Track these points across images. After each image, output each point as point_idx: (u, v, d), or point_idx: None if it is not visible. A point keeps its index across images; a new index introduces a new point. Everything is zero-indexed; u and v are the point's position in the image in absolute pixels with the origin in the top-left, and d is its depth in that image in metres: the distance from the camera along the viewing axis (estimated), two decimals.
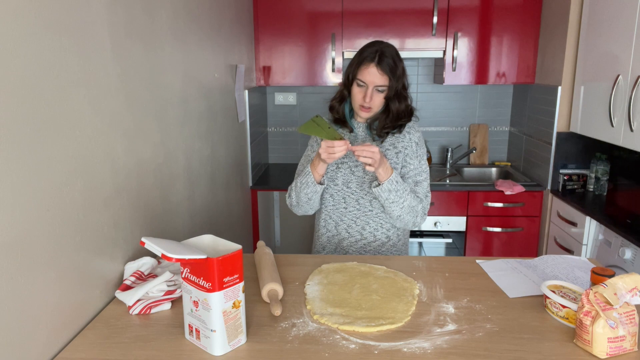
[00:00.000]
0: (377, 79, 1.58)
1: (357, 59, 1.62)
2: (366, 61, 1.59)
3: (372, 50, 1.60)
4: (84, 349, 1.05)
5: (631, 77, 2.19)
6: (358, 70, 1.60)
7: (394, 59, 1.60)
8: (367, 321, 1.13)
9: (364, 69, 1.59)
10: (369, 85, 1.59)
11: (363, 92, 1.61)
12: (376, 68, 1.58)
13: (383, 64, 1.58)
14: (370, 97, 1.60)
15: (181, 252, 0.97)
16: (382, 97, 1.62)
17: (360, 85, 1.61)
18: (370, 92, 1.60)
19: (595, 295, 1.01)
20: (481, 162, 3.57)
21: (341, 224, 1.73)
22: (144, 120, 1.48)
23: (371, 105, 1.62)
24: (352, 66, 1.63)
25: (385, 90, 1.61)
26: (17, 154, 0.93)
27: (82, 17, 1.14)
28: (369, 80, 1.59)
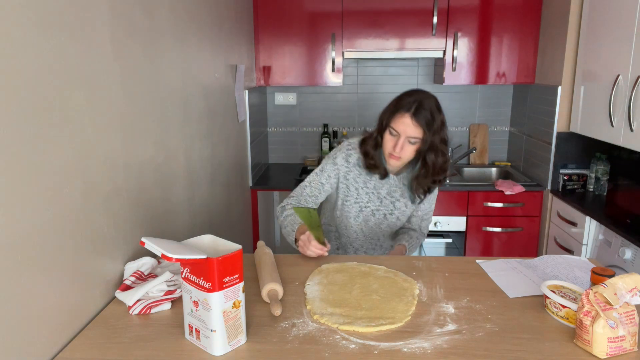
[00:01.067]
0: (411, 130, 1.54)
1: (394, 106, 1.58)
2: (402, 110, 1.54)
3: (410, 100, 1.55)
4: (84, 349, 1.05)
5: (631, 77, 2.19)
6: (392, 118, 1.56)
7: (432, 112, 1.55)
8: (367, 321, 1.13)
9: (398, 118, 1.55)
10: (401, 135, 1.55)
11: (394, 141, 1.57)
12: (411, 119, 1.53)
13: (419, 115, 1.53)
14: (400, 147, 1.56)
15: (181, 252, 0.97)
16: (413, 148, 1.58)
17: (392, 133, 1.57)
18: (401, 142, 1.55)
19: (595, 295, 1.01)
20: (481, 162, 3.57)
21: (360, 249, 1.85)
22: (144, 120, 1.48)
23: (401, 155, 1.58)
24: (387, 112, 1.59)
25: (417, 143, 1.57)
26: (17, 154, 0.93)
27: (82, 17, 1.14)
28: (402, 130, 1.54)
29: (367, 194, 1.74)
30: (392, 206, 1.76)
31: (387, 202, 1.75)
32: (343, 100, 3.60)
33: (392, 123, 1.56)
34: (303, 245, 1.50)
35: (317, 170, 1.75)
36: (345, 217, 1.78)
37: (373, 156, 1.65)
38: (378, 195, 1.74)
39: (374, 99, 3.59)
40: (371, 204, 1.75)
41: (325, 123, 3.61)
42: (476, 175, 3.49)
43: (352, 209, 1.75)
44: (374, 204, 1.75)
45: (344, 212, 1.77)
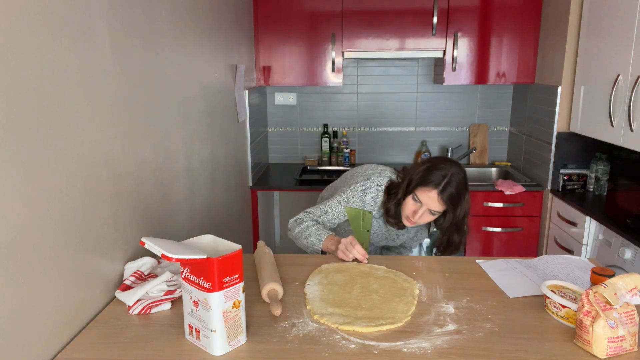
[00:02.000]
0: (434, 205, 1.55)
1: (423, 174, 1.56)
2: (430, 185, 1.53)
3: (439, 175, 1.54)
4: (84, 349, 1.05)
5: (631, 77, 2.19)
6: (418, 188, 1.55)
7: (459, 190, 1.56)
8: (367, 321, 1.13)
9: (424, 191, 1.54)
10: (424, 206, 1.56)
11: (415, 208, 1.58)
12: (438, 195, 1.53)
13: (445, 194, 1.53)
14: (420, 216, 1.58)
15: (181, 252, 0.97)
16: (432, 218, 1.60)
17: (415, 200, 1.57)
18: (421, 212, 1.57)
19: (595, 295, 1.01)
20: (481, 162, 3.57)
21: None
22: (144, 120, 1.48)
23: (417, 222, 1.61)
24: (416, 179, 1.57)
25: (437, 214, 1.60)
26: (17, 154, 0.93)
27: (82, 17, 1.14)
28: (426, 202, 1.55)
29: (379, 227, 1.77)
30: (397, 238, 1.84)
31: (393, 234, 1.81)
32: (343, 100, 3.60)
33: (417, 192, 1.56)
34: (345, 248, 1.48)
35: (342, 200, 1.71)
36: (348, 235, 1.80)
37: (394, 216, 1.66)
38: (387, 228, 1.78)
39: (374, 99, 3.59)
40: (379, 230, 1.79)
41: (325, 123, 3.61)
42: (476, 175, 3.49)
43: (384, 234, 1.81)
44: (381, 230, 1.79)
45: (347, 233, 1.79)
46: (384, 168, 1.77)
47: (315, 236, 1.62)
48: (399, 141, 3.64)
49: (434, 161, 1.61)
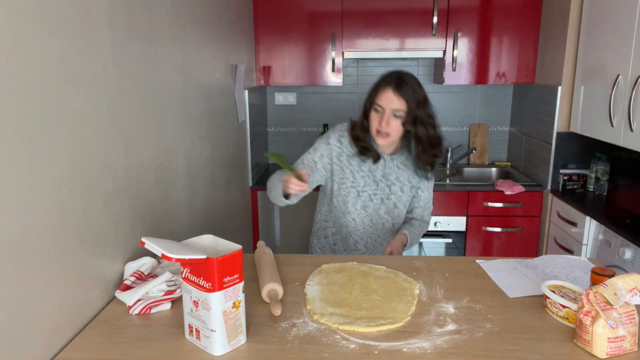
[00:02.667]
0: (394, 103, 1.58)
1: (375, 85, 1.64)
2: (384, 85, 1.60)
3: (390, 76, 1.62)
4: (84, 349, 1.05)
5: (631, 77, 2.19)
6: (376, 95, 1.61)
7: (414, 86, 1.60)
8: (367, 321, 1.13)
9: (381, 94, 1.60)
10: (386, 109, 1.59)
11: (380, 117, 1.61)
12: (393, 92, 1.58)
13: (401, 88, 1.58)
14: (386, 122, 1.60)
15: (181, 252, 0.97)
16: (398, 123, 1.61)
17: (377, 110, 1.62)
18: (386, 117, 1.59)
19: (595, 295, 1.01)
20: (481, 162, 3.57)
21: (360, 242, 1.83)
22: (144, 120, 1.48)
23: (388, 131, 1.61)
24: (371, 92, 1.65)
25: (402, 116, 1.60)
26: (17, 154, 0.93)
27: (82, 17, 1.14)
28: (386, 104, 1.59)
29: (362, 178, 1.75)
30: (388, 190, 1.78)
31: (383, 185, 1.77)
32: (343, 100, 3.60)
33: (376, 99, 1.61)
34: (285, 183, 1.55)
35: (310, 150, 1.77)
36: (343, 202, 1.78)
37: (364, 139, 1.69)
38: (374, 178, 1.76)
39: None
40: (368, 187, 1.76)
41: (325, 123, 3.61)
42: (476, 175, 3.49)
43: (350, 193, 1.76)
44: (371, 187, 1.76)
45: (341, 197, 1.77)
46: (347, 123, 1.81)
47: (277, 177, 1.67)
48: None
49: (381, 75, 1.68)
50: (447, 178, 3.22)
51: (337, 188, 1.77)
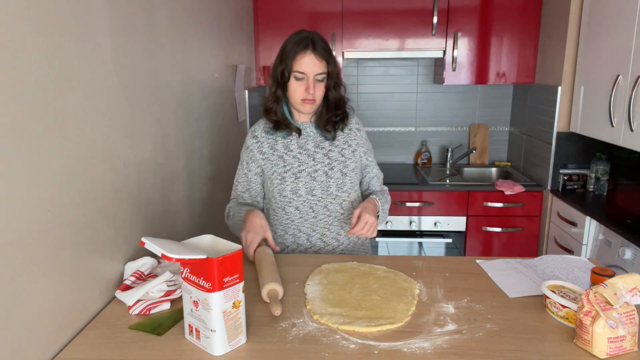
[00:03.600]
0: (317, 67, 1.49)
1: (287, 52, 1.49)
2: (301, 50, 1.47)
3: (302, 37, 1.50)
4: (84, 349, 1.05)
5: (631, 77, 2.19)
6: (294, 61, 1.48)
7: (325, 43, 1.52)
8: (367, 321, 1.13)
9: (300, 59, 1.48)
10: (309, 75, 1.49)
11: (305, 84, 1.50)
12: (313, 55, 1.47)
13: (319, 49, 1.48)
14: (313, 87, 1.49)
15: (181, 252, 0.97)
16: (322, 86, 1.53)
17: (299, 78, 1.49)
18: (312, 82, 1.49)
19: (595, 295, 1.01)
20: (481, 162, 3.57)
21: (314, 234, 1.63)
22: (144, 120, 1.48)
23: (315, 97, 1.52)
24: (284, 60, 1.49)
25: (324, 78, 1.53)
26: (17, 154, 0.93)
27: (82, 17, 1.14)
28: (309, 70, 1.48)
29: (294, 157, 1.59)
30: (327, 159, 1.60)
31: (320, 155, 1.60)
32: None
33: (295, 66, 1.48)
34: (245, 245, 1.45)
35: (239, 166, 1.67)
36: (280, 193, 1.59)
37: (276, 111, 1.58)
38: (307, 153, 1.60)
39: (374, 99, 3.58)
40: (305, 165, 1.59)
41: None
42: (476, 175, 3.49)
43: (287, 179, 1.58)
44: (308, 164, 1.59)
45: (280, 189, 1.59)
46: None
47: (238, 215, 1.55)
48: (399, 141, 3.64)
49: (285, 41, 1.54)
50: (447, 178, 3.22)
51: (271, 183, 1.61)
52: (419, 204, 3.05)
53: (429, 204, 3.05)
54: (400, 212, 3.07)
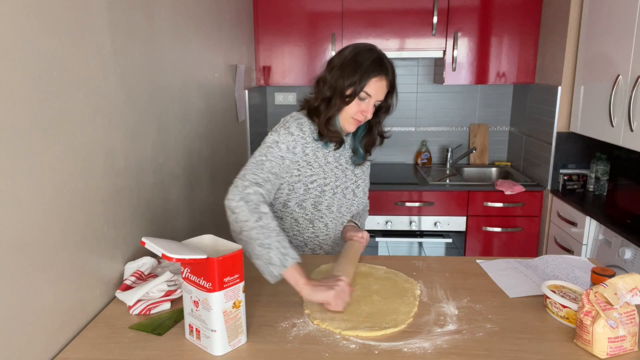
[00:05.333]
0: (383, 94, 1.42)
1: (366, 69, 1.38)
2: (379, 74, 1.38)
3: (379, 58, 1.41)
4: (84, 349, 1.05)
5: (631, 77, 2.19)
6: (368, 82, 1.38)
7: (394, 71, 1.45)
8: (370, 325, 1.11)
9: (374, 82, 1.38)
10: (373, 98, 1.40)
11: (363, 105, 1.40)
12: (386, 81, 1.40)
13: (391, 77, 1.42)
14: (371, 112, 1.42)
15: (181, 252, 0.97)
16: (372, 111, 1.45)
17: (362, 98, 1.39)
18: (372, 106, 1.41)
19: (596, 295, 1.01)
20: (481, 162, 3.57)
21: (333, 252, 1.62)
22: (144, 120, 1.48)
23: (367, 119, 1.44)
24: (357, 77, 1.37)
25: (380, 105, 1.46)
26: (17, 154, 0.93)
27: (82, 17, 1.14)
28: (375, 94, 1.40)
29: (331, 170, 1.49)
30: (354, 176, 1.56)
31: (349, 172, 1.55)
32: None
33: (366, 88, 1.38)
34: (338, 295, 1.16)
35: (269, 143, 1.40)
36: (314, 207, 1.48)
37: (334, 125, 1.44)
38: (341, 168, 1.52)
39: None
40: (339, 181, 1.50)
41: None
42: (476, 175, 3.49)
43: (324, 193, 1.48)
44: (341, 179, 1.51)
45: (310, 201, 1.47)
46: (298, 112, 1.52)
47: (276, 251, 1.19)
48: (399, 141, 3.64)
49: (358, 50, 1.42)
50: (447, 178, 3.22)
51: (304, 191, 1.46)
52: (419, 204, 3.05)
53: (429, 204, 3.05)
54: (400, 212, 3.07)
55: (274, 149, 1.38)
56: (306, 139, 1.43)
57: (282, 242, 1.20)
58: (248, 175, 1.34)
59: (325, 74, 1.45)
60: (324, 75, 1.45)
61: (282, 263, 1.18)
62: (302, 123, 1.43)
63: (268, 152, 1.38)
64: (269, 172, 1.36)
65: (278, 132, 1.41)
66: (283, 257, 1.18)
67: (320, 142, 1.46)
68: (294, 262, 1.19)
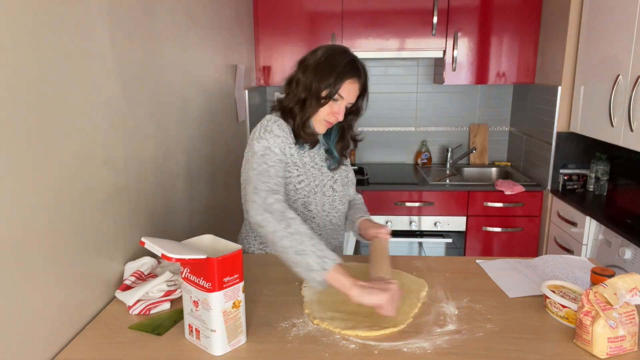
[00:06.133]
0: (355, 97, 1.42)
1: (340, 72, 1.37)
2: (351, 76, 1.39)
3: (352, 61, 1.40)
4: (84, 349, 1.05)
5: (631, 77, 2.19)
6: (342, 85, 1.37)
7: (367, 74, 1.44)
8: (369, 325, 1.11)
9: (348, 85, 1.38)
10: (345, 100, 1.40)
11: (337, 107, 1.40)
12: (358, 84, 1.40)
13: (364, 80, 1.42)
14: (342, 114, 1.42)
15: (181, 252, 0.97)
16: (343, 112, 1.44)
17: (335, 100, 1.39)
18: (343, 108, 1.41)
19: (595, 295, 1.01)
20: (481, 162, 3.57)
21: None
22: (144, 120, 1.48)
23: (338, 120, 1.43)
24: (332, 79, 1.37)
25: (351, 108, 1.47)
26: (17, 154, 0.93)
27: (82, 17, 1.14)
28: (347, 97, 1.40)
29: (311, 168, 1.49)
30: (329, 172, 1.55)
31: (325, 170, 1.54)
32: None
33: (340, 90, 1.38)
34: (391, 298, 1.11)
35: (261, 151, 1.37)
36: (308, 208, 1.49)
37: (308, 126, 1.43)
38: (317, 166, 1.51)
39: (373, 99, 3.57)
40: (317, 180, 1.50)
41: None
42: (476, 175, 3.49)
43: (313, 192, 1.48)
44: (319, 179, 1.51)
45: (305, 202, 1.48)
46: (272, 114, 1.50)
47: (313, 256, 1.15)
48: (399, 141, 3.64)
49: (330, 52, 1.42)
50: (447, 178, 3.22)
51: (294, 191, 1.47)
52: (419, 204, 3.05)
53: (429, 204, 3.05)
54: (400, 212, 3.07)
55: (270, 155, 1.37)
56: (289, 139, 1.42)
57: (317, 245, 1.17)
58: (260, 186, 1.31)
59: (298, 75, 1.43)
60: (297, 76, 1.43)
61: (322, 267, 1.13)
62: (280, 124, 1.42)
63: (266, 159, 1.36)
64: (276, 177, 1.34)
65: (265, 138, 1.38)
66: (321, 261, 1.14)
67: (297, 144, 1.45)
68: (333, 264, 1.14)
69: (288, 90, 1.46)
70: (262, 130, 1.41)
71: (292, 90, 1.44)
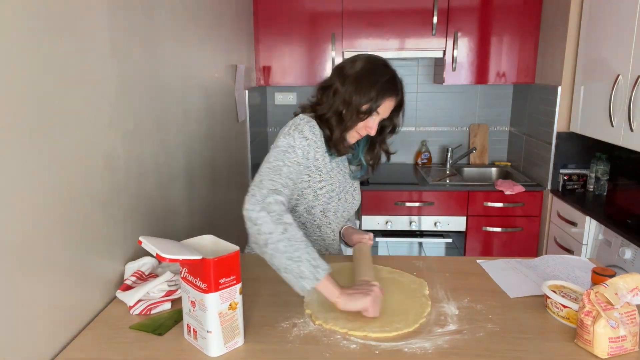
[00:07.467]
0: (389, 112, 1.41)
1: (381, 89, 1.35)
2: (391, 95, 1.37)
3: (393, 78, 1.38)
4: (84, 349, 1.05)
5: (631, 77, 2.19)
6: (382, 101, 1.36)
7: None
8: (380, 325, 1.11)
9: (387, 102, 1.37)
10: (381, 116, 1.40)
11: (371, 122, 1.39)
12: (395, 101, 1.39)
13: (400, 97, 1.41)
14: (375, 128, 1.41)
15: (176, 252, 0.96)
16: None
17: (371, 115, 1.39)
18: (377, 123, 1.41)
19: (596, 295, 1.01)
20: (481, 162, 3.57)
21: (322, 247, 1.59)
22: (144, 120, 1.48)
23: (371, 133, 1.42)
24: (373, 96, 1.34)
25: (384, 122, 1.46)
26: (17, 154, 0.92)
27: (82, 17, 1.14)
28: (383, 113, 1.39)
29: (335, 176, 1.48)
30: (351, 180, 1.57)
31: (348, 176, 1.56)
32: None
33: (379, 108, 1.37)
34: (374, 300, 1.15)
35: (284, 147, 1.34)
36: (322, 213, 1.48)
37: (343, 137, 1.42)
38: (342, 172, 1.52)
39: None
40: (342, 186, 1.51)
41: None
42: (476, 175, 3.49)
43: (332, 199, 1.48)
44: (343, 185, 1.51)
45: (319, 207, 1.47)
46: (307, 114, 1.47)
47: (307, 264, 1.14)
48: (399, 141, 3.63)
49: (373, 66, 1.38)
50: (447, 178, 3.22)
51: (313, 197, 1.45)
52: (419, 204, 3.05)
53: (429, 204, 3.05)
54: (400, 212, 3.07)
55: (290, 153, 1.33)
56: (317, 143, 1.39)
57: (311, 253, 1.16)
58: (265, 182, 1.28)
59: (337, 85, 1.39)
60: (336, 86, 1.39)
61: (315, 276, 1.13)
62: (312, 126, 1.38)
63: (285, 157, 1.33)
64: (287, 178, 1.30)
65: (292, 136, 1.35)
66: (315, 270, 1.14)
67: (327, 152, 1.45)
68: (325, 274, 1.14)
69: (322, 96, 1.42)
70: (292, 127, 1.38)
71: (329, 99, 1.40)
